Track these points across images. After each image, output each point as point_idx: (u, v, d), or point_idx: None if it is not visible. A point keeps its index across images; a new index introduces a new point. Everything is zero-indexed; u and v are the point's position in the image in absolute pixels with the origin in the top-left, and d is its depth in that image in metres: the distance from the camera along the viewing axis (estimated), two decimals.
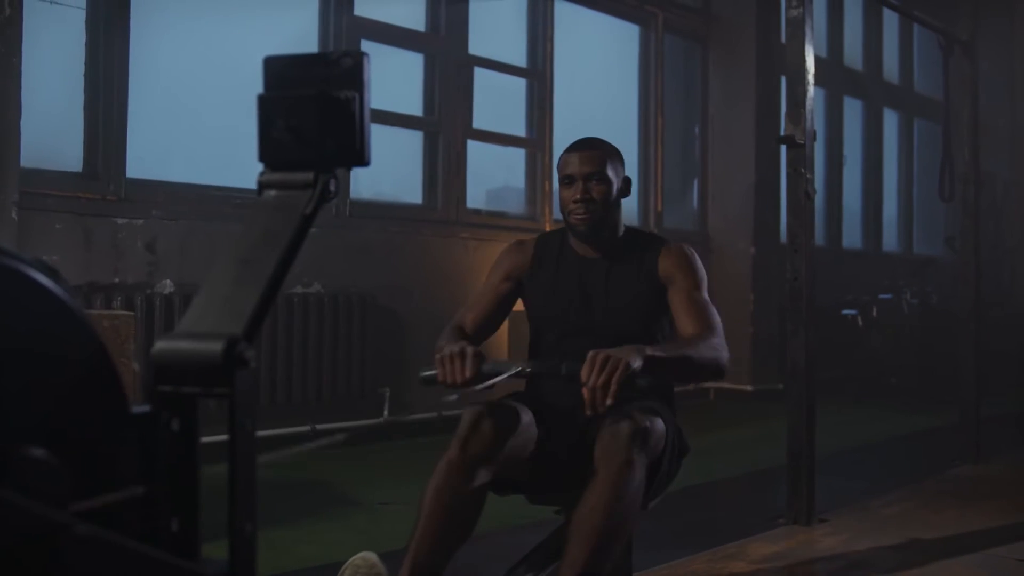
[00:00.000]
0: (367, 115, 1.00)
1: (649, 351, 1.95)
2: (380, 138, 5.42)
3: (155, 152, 4.52)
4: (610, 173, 2.30)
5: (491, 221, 5.97)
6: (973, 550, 3.11)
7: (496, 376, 1.98)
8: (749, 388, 7.17)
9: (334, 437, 1.27)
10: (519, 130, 6.27)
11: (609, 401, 1.85)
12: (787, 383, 3.63)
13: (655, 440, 2.06)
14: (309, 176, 0.99)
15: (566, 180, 2.32)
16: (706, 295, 2.28)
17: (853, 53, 8.96)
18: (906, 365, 7.48)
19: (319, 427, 4.85)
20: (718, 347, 2.15)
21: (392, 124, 5.53)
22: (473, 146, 5.90)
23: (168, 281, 4.41)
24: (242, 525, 0.87)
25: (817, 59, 3.80)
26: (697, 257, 2.35)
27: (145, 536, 0.85)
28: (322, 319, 4.90)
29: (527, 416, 2.15)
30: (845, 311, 7.86)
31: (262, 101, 1.00)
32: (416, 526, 2.05)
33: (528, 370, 2.02)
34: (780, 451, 3.62)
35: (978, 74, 4.99)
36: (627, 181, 2.37)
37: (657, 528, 3.28)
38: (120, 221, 4.28)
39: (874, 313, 7.79)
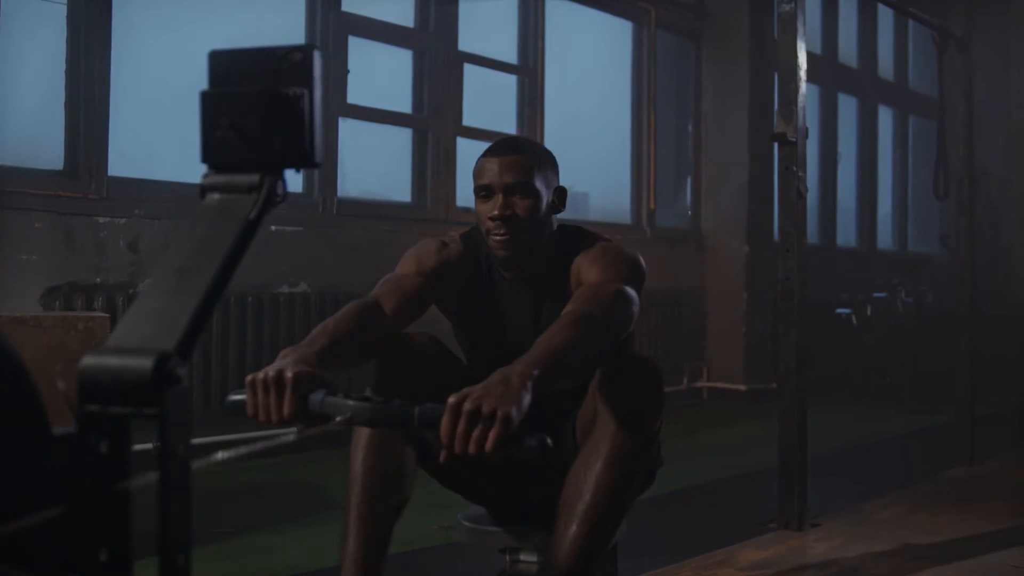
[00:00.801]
0: (317, 113, 0.93)
1: (525, 370, 1.47)
2: (368, 135, 5.38)
3: (138, 150, 4.45)
4: (538, 184, 1.90)
5: None
6: (968, 556, 3.05)
7: (324, 421, 1.48)
8: (742, 388, 7.11)
9: (285, 437, 1.09)
10: (510, 128, 6.20)
11: (476, 448, 1.38)
12: (779, 384, 3.58)
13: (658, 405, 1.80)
14: (255, 178, 0.92)
15: (482, 191, 1.91)
16: (616, 285, 1.80)
17: (847, 50, 8.90)
18: (901, 364, 7.43)
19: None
20: (594, 331, 1.67)
21: (380, 121, 5.47)
22: (469, 144, 5.84)
23: (151, 281, 4.34)
24: (174, 557, 0.81)
25: (811, 56, 3.74)
26: (623, 252, 1.91)
27: (70, 567, 0.79)
28: (308, 319, 4.82)
29: (453, 355, 1.94)
30: (839, 310, 7.81)
31: (205, 98, 0.94)
32: (349, 502, 1.84)
33: (366, 417, 1.46)
34: (772, 452, 3.57)
35: (973, 70, 4.93)
36: (560, 192, 1.97)
37: (643, 534, 3.22)
38: (102, 220, 4.21)
39: (868, 312, 7.74)
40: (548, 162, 1.96)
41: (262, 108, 0.92)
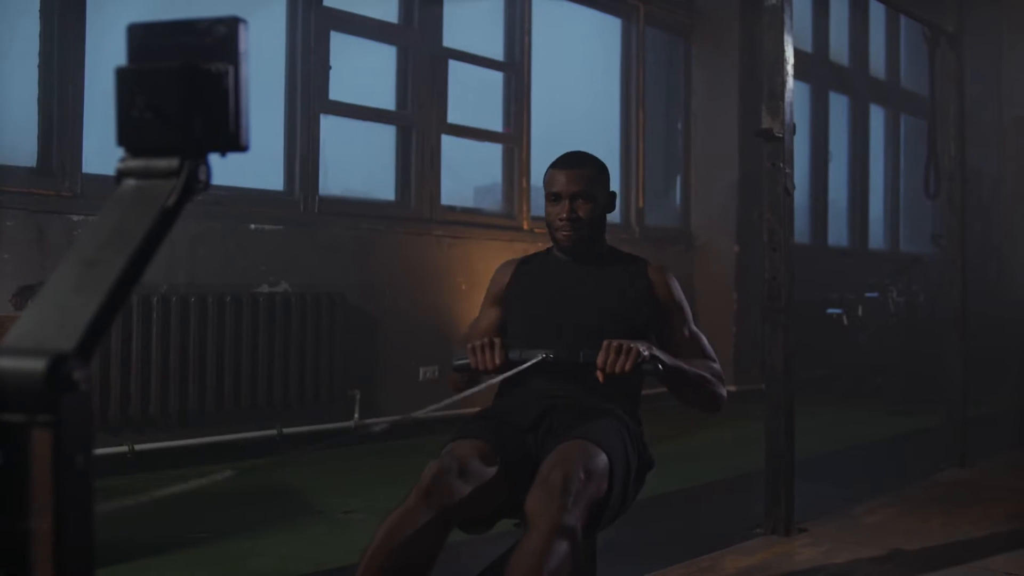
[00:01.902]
0: (244, 91, 0.85)
1: (656, 351, 2.11)
2: (351, 132, 5.29)
3: (112, 146, 4.35)
4: (597, 191, 2.35)
5: (467, 219, 5.82)
6: (958, 562, 2.98)
7: (522, 364, 2.12)
8: (732, 388, 7.01)
9: (222, 473, 1.06)
10: (496, 125, 6.12)
11: (621, 368, 2.05)
12: (766, 386, 3.50)
13: (596, 482, 1.96)
14: (174, 163, 0.84)
15: (552, 197, 2.36)
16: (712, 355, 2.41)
17: (839, 48, 8.84)
18: (892, 365, 7.36)
19: (286, 431, 4.71)
20: (718, 377, 2.30)
21: (363, 118, 5.39)
22: (460, 143, 5.76)
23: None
24: None
25: (803, 54, 3.67)
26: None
27: None
28: (289, 319, 4.74)
29: (492, 469, 2.04)
30: (830, 310, 7.74)
31: (120, 75, 0.86)
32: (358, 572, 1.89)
33: (551, 357, 2.15)
34: (761, 454, 3.49)
35: (964, 67, 4.86)
36: (612, 196, 2.43)
37: (627, 539, 3.15)
38: (76, 218, 4.12)
39: (860, 312, 7.68)
40: (604, 174, 2.41)
41: (182, 86, 0.84)
